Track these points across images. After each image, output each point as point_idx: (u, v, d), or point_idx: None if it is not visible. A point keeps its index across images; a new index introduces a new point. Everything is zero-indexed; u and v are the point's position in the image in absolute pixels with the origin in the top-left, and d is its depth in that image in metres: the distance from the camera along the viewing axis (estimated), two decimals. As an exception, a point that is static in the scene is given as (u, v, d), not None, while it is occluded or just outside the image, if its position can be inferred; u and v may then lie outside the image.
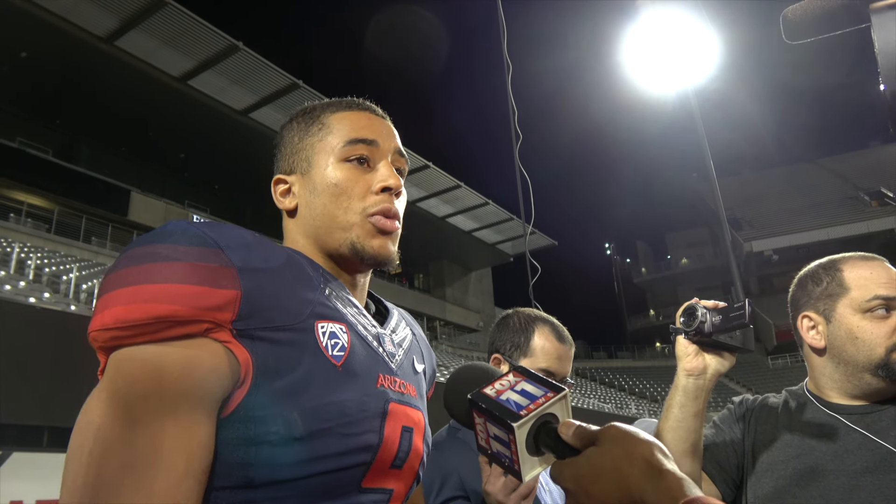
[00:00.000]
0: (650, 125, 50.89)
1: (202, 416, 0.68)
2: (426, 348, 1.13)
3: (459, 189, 28.23)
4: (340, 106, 1.00)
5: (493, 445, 0.66)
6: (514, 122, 3.83)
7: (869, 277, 1.32)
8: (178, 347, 0.69)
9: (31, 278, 14.43)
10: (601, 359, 45.77)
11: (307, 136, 0.98)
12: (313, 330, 0.79)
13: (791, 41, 0.63)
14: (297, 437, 0.73)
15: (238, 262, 0.75)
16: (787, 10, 0.62)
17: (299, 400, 0.74)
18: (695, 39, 6.41)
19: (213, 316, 0.71)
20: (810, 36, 0.61)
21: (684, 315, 1.27)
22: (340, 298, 0.88)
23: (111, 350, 0.70)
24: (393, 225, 0.95)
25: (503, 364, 1.60)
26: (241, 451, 0.71)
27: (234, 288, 0.73)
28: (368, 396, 0.82)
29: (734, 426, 1.43)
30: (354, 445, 0.78)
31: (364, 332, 0.88)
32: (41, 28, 17.76)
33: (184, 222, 0.78)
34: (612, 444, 0.59)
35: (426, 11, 62.90)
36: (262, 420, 0.72)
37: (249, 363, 0.72)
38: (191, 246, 0.73)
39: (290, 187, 0.98)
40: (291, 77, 20.93)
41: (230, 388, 0.71)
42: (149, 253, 0.72)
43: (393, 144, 1.00)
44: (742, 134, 48.42)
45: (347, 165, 0.94)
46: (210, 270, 0.72)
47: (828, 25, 0.58)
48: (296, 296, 0.80)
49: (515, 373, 0.71)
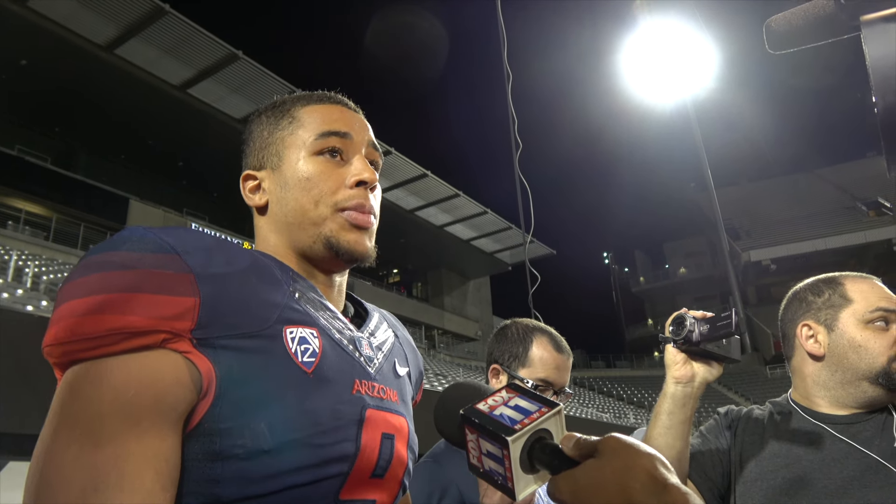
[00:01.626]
0: (648, 134, 51.10)
1: (166, 431, 0.65)
2: (411, 351, 1.09)
3: (458, 198, 28.28)
4: (311, 99, 0.97)
5: (486, 463, 0.64)
6: (514, 130, 3.83)
7: (870, 291, 1.36)
8: (135, 360, 0.66)
9: (28, 286, 14.39)
10: (599, 368, 45.68)
11: (277, 130, 0.94)
12: (281, 336, 0.76)
13: (774, 51, 0.63)
14: (266, 449, 0.69)
15: (197, 268, 0.72)
16: (771, 20, 0.62)
17: (267, 410, 0.71)
18: (692, 50, 6.45)
19: (170, 325, 0.67)
20: (793, 46, 0.62)
21: (673, 324, 1.30)
22: (312, 301, 0.85)
23: (67, 366, 0.67)
24: (368, 220, 0.91)
25: (502, 374, 1.60)
26: (208, 466, 0.68)
27: (191, 295, 0.69)
28: (343, 404, 0.79)
29: (720, 436, 1.45)
30: (329, 456, 0.75)
31: (338, 336, 0.84)
32: (41, 36, 17.81)
33: (140, 228, 0.75)
34: (613, 457, 0.57)
35: (425, 20, 63.22)
36: (228, 433, 0.69)
37: (212, 373, 0.69)
38: (146, 252, 0.70)
39: (259, 183, 0.94)
40: (291, 85, 20.98)
41: (193, 401, 0.68)
42: (103, 261, 0.69)
43: (366, 137, 0.96)
44: (740, 144, 48.60)
45: (320, 159, 0.91)
46: (166, 277, 0.69)
47: (811, 36, 0.59)
48: (261, 300, 0.77)
49: (508, 389, 0.69)
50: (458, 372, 27.05)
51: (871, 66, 0.45)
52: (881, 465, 1.21)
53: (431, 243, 32.22)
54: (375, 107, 4.26)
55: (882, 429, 1.28)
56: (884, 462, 1.21)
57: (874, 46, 0.46)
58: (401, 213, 28.03)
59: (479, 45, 68.71)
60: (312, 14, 76.66)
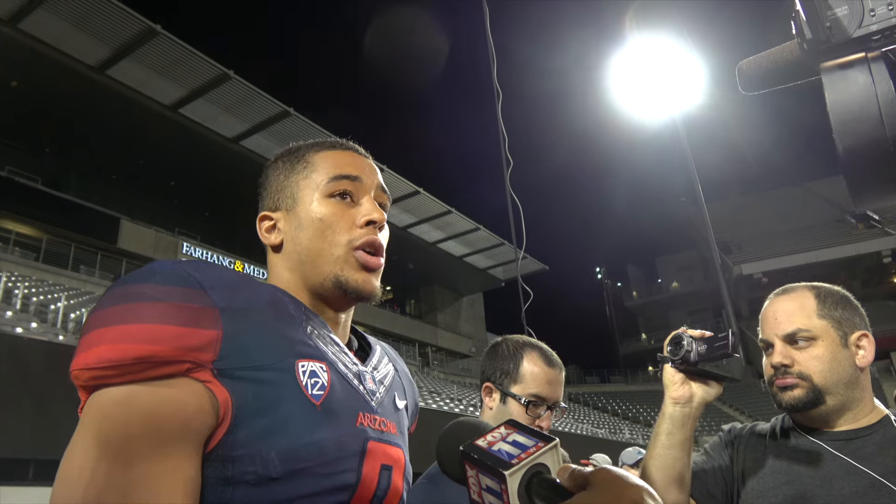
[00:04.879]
0: (639, 150, 51.45)
1: (190, 454, 0.69)
2: (408, 384, 1.14)
3: (450, 214, 28.35)
4: (324, 146, 1.03)
5: (486, 498, 0.66)
6: (505, 148, 3.86)
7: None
8: (163, 388, 0.70)
9: (18, 308, 14.28)
10: (594, 383, 45.58)
11: (293, 174, 1.00)
12: (294, 369, 0.80)
13: (746, 92, 0.67)
14: (275, 477, 0.73)
15: (220, 303, 0.76)
16: (742, 63, 0.66)
17: (278, 440, 0.74)
18: (681, 66, 6.53)
19: (194, 356, 0.72)
20: (763, 88, 0.65)
21: (671, 344, 1.30)
22: (322, 336, 0.89)
23: (93, 389, 0.71)
24: (377, 262, 0.97)
25: (494, 392, 1.61)
26: (220, 490, 0.72)
27: (215, 328, 0.74)
28: (347, 436, 0.83)
29: (723, 453, 1.46)
30: (331, 485, 0.79)
31: (344, 370, 0.89)
32: (32, 57, 17.84)
33: (170, 262, 0.79)
34: (604, 488, 0.59)
35: (415, 39, 63.66)
36: (240, 460, 0.72)
37: (229, 403, 0.73)
38: (174, 286, 0.75)
39: (275, 223, 0.99)
40: (282, 105, 21.09)
41: (213, 427, 0.72)
42: (133, 293, 0.73)
43: (375, 181, 1.02)
44: (730, 158, 48.96)
45: (332, 201, 0.96)
46: (192, 311, 0.73)
47: (780, 78, 0.62)
48: (278, 335, 0.81)
49: (507, 426, 0.71)
50: (453, 389, 26.92)
51: (831, 112, 0.49)
52: (882, 483, 1.21)
53: (424, 260, 32.19)
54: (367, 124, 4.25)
55: (882, 446, 1.28)
56: (885, 481, 1.21)
57: (833, 92, 0.50)
58: (393, 230, 27.51)
59: (469, 62, 69.19)
60: (303, 33, 77.09)
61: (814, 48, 0.55)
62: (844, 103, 0.50)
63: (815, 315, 1.35)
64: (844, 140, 0.49)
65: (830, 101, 0.50)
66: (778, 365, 1.35)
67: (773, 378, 1.37)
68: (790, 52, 0.61)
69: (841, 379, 1.31)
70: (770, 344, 1.39)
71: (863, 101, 0.51)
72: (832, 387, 1.31)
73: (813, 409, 1.32)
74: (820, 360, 1.32)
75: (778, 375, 1.35)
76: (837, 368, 1.31)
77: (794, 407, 1.33)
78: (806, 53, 0.55)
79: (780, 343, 1.36)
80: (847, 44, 0.55)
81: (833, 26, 0.55)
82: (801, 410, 1.33)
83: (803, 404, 1.32)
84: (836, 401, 1.31)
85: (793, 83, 0.61)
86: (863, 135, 0.50)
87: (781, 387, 1.34)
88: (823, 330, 1.34)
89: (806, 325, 1.34)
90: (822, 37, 0.55)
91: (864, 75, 0.53)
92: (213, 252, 24.44)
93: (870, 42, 0.55)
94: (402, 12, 57.82)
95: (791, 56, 0.60)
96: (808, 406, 1.32)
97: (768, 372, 1.38)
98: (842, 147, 0.50)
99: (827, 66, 0.53)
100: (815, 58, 0.54)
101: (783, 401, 1.34)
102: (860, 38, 0.55)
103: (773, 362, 1.36)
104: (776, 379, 1.36)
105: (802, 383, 1.32)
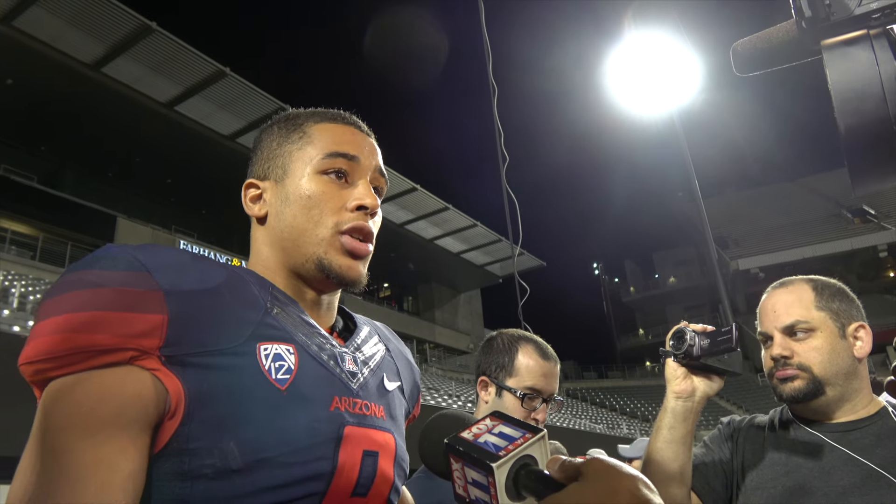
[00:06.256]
0: (636, 146, 51.49)
1: (125, 444, 0.65)
2: (405, 364, 1.07)
3: (447, 211, 28.31)
4: (325, 117, 0.96)
5: (472, 492, 0.64)
6: (501, 144, 3.85)
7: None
8: (98, 376, 0.66)
9: (15, 306, 14.24)
10: (591, 379, 45.70)
11: (286, 143, 0.94)
12: (254, 353, 0.75)
13: (740, 74, 0.66)
14: (235, 469, 0.69)
15: (166, 285, 0.72)
16: (737, 44, 0.64)
17: (237, 429, 0.70)
18: (678, 61, 6.52)
19: (137, 343, 0.68)
20: (758, 69, 0.64)
21: (673, 338, 1.30)
22: (290, 317, 0.84)
23: (43, 384, 0.68)
24: (365, 248, 0.91)
25: (490, 386, 1.61)
26: (177, 486, 0.68)
27: (159, 312, 0.69)
28: (319, 421, 0.78)
29: (723, 445, 1.46)
30: (303, 475, 0.74)
31: (317, 352, 0.83)
32: (28, 55, 17.75)
33: (115, 246, 0.75)
34: (597, 479, 0.57)
35: (412, 35, 63.59)
36: (197, 452, 0.68)
37: (181, 392, 0.69)
38: (115, 270, 0.71)
39: (261, 193, 0.94)
40: (278, 101, 21.00)
41: (156, 416, 0.68)
42: (74, 280, 0.70)
43: (374, 162, 0.96)
44: (726, 154, 49.08)
45: (324, 178, 0.90)
46: (134, 295, 0.69)
47: (776, 59, 0.61)
48: (235, 317, 0.76)
49: (493, 417, 0.69)
50: (451, 385, 26.95)
51: (833, 90, 0.47)
52: (881, 474, 1.22)
53: (422, 257, 32.17)
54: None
55: (880, 436, 1.28)
56: (883, 472, 1.22)
57: (835, 70, 0.48)
58: (391, 227, 28.00)
59: (466, 58, 69.17)
60: (300, 30, 76.93)
61: (813, 26, 0.53)
62: (847, 81, 0.48)
63: (814, 307, 1.36)
64: (846, 118, 0.47)
65: (832, 79, 0.49)
66: (778, 357, 1.36)
67: (772, 370, 1.37)
68: (786, 31, 0.59)
69: (840, 370, 1.32)
70: (769, 336, 1.39)
71: (866, 79, 0.50)
72: (832, 377, 1.31)
73: (813, 400, 1.32)
74: (819, 352, 1.32)
75: (778, 367, 1.36)
76: (836, 359, 1.32)
77: (795, 398, 1.33)
78: (805, 32, 0.54)
79: (779, 335, 1.37)
80: (847, 21, 0.53)
81: (833, 4, 0.53)
82: (802, 402, 1.33)
83: (804, 395, 1.32)
84: (835, 392, 1.32)
85: (788, 64, 0.60)
86: (865, 113, 0.49)
87: (782, 378, 1.35)
88: (822, 321, 1.34)
89: (804, 316, 1.35)
90: (822, 14, 0.54)
91: (867, 53, 0.52)
92: (210, 250, 24.35)
93: (870, 20, 0.53)
94: (400, 10, 57.71)
95: (787, 36, 0.59)
96: (809, 397, 1.32)
97: (768, 364, 1.39)
98: (843, 126, 0.49)
99: (828, 43, 0.52)
100: (815, 36, 0.53)
101: (784, 392, 1.35)
102: (861, 16, 0.53)
103: (772, 354, 1.37)
104: (776, 371, 1.36)
105: (802, 374, 1.33)
